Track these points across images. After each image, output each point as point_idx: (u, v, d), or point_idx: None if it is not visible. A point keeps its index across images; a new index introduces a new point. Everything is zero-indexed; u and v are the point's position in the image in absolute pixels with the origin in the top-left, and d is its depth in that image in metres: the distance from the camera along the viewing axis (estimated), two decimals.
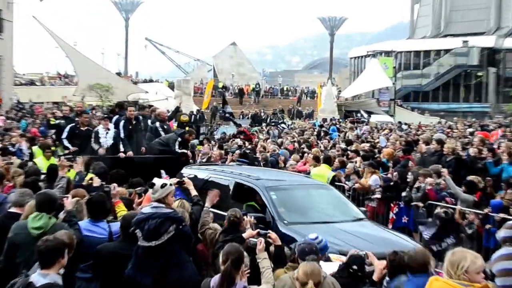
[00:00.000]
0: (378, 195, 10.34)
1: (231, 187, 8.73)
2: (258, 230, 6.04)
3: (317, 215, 8.29)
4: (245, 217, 6.35)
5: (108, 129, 11.79)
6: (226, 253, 4.97)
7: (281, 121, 33.88)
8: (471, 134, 22.38)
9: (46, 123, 16.80)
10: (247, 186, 8.54)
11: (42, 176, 8.34)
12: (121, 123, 12.04)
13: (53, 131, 13.86)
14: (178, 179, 7.13)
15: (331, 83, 51.07)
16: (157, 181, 5.68)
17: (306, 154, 13.77)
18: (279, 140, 19.06)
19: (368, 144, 16.57)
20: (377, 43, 69.31)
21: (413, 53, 63.40)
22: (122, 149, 11.67)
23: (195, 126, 29.56)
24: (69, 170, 8.38)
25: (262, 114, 41.20)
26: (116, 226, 5.97)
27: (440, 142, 12.47)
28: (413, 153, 13.33)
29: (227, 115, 21.75)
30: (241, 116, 40.11)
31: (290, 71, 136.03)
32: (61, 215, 6.03)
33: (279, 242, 5.72)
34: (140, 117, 12.80)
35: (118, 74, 55.83)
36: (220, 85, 53.76)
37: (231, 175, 9.06)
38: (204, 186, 8.74)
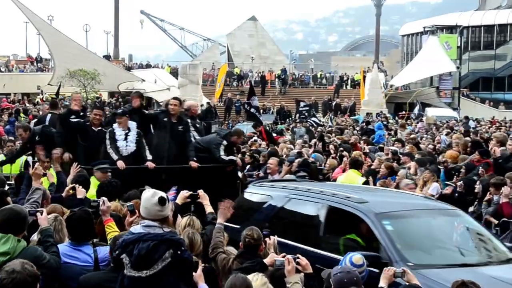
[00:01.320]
0: None
1: (323, 214, 8.02)
2: (284, 254, 6.01)
3: (452, 254, 7.48)
4: (267, 238, 6.31)
5: (129, 130, 10.92)
6: (229, 286, 4.92)
7: (311, 115, 33.78)
8: None
9: (15, 120, 16.96)
10: (347, 212, 7.75)
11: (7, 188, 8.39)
12: (159, 111, 11.40)
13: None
14: (190, 192, 7.14)
15: (378, 68, 50.84)
16: (150, 191, 5.65)
17: (345, 159, 13.70)
18: (313, 141, 19.01)
19: (427, 145, 16.46)
20: (436, 17, 68.77)
21: (484, 28, 62.83)
22: (149, 156, 10.87)
23: (205, 123, 29.49)
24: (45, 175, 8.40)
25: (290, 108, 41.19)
26: (104, 251, 5.93)
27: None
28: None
29: (252, 110, 21.46)
30: (262, 111, 40.20)
31: (326, 53, 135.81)
32: (35, 237, 6.04)
33: (310, 270, 5.67)
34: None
35: (107, 57, 56.42)
36: (237, 71, 53.88)
37: (321, 197, 8.30)
38: (279, 212, 8.27)
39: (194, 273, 5.62)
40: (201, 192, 7.16)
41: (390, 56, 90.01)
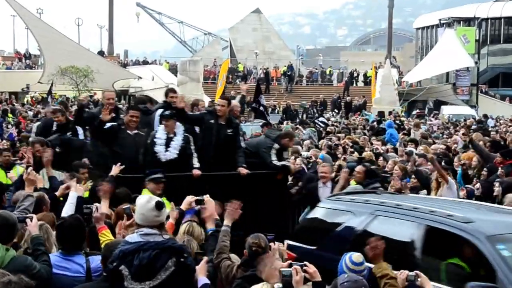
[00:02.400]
0: None
1: (419, 235, 7.34)
2: (289, 261, 6.01)
3: None
4: (272, 244, 6.32)
5: (174, 135, 10.26)
6: None
7: (318, 115, 33.81)
8: None
9: (3, 121, 16.78)
10: (449, 233, 7.11)
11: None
12: (204, 112, 10.94)
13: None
14: (196, 198, 7.17)
15: (390, 64, 50.77)
16: (144, 196, 5.65)
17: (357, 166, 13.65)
18: (321, 142, 18.99)
19: (441, 146, 16.41)
20: (453, 8, 68.75)
21: (504, 20, 62.73)
22: (196, 164, 10.29)
23: None
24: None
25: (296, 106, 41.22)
26: (97, 260, 5.93)
27: None
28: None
29: (261, 108, 21.37)
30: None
31: (335, 48, 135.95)
32: (24, 245, 6.04)
33: (319, 278, 5.66)
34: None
35: (100, 53, 56.49)
36: (240, 67, 53.91)
37: (415, 215, 7.57)
38: (363, 232, 7.57)
39: (196, 267, 5.70)
40: (206, 197, 7.16)
41: (403, 51, 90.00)
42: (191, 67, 42.36)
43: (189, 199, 7.27)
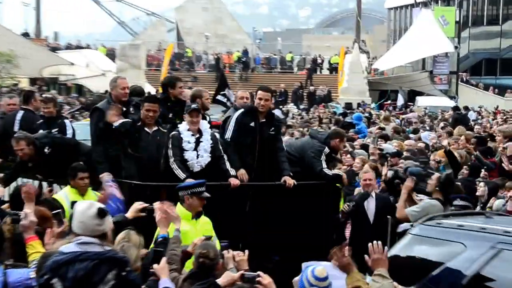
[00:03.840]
0: None
1: None
2: (242, 272, 6.08)
3: None
4: (225, 252, 6.36)
5: (200, 133, 9.63)
6: None
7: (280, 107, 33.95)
8: None
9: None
10: None
11: None
12: (233, 120, 9.96)
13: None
14: (145, 204, 7.27)
15: (359, 49, 51.25)
16: (85, 202, 5.64)
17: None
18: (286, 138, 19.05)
19: (420, 143, 16.58)
20: None
21: None
22: (231, 170, 9.64)
23: None
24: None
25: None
26: (17, 274, 5.87)
27: None
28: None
29: (228, 103, 21.19)
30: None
31: (296, 30, 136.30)
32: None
33: None
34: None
35: (25, 35, 55.74)
36: (188, 53, 53.80)
37: None
38: (482, 272, 6.45)
39: (156, 266, 5.81)
40: (157, 204, 7.17)
41: (374, 34, 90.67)
42: (131, 52, 42.34)
43: (137, 206, 7.35)
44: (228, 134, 9.94)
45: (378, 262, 5.83)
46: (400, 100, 43.83)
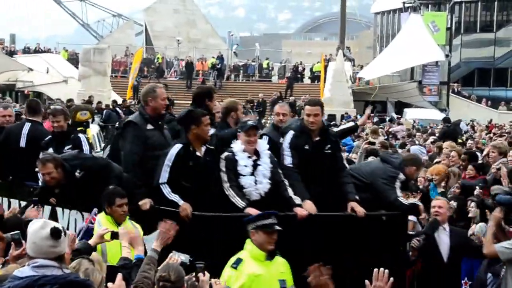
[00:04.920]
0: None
1: None
2: None
3: None
4: (200, 274, 6.33)
5: (258, 155, 8.94)
6: None
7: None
8: None
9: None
10: None
11: None
12: (286, 146, 9.24)
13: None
14: (111, 230, 7.23)
15: (343, 56, 51.39)
16: (38, 221, 5.60)
17: None
18: None
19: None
20: None
21: (482, 4, 64.17)
22: (296, 199, 8.85)
23: (112, 128, 29.07)
24: None
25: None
26: None
27: None
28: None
29: None
30: None
31: (276, 35, 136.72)
32: None
33: None
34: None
35: None
36: (158, 58, 53.72)
37: None
38: None
39: (110, 284, 5.71)
40: (122, 229, 7.18)
41: (359, 40, 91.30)
42: (96, 56, 42.06)
43: (100, 232, 7.31)
44: (288, 160, 9.13)
45: None
46: (391, 111, 44.05)
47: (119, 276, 5.91)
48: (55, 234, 5.35)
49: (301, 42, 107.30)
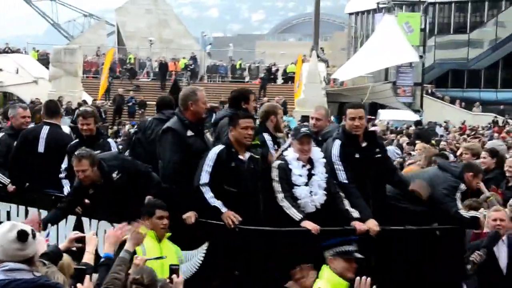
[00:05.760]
0: None
1: None
2: None
3: None
4: (174, 276, 6.35)
5: (311, 163, 8.41)
6: None
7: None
8: None
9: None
10: None
11: None
12: (336, 158, 8.61)
13: None
14: (81, 234, 7.15)
15: (317, 57, 51.50)
16: (6, 223, 5.58)
17: None
18: None
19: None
20: None
21: (455, 5, 64.59)
22: (354, 212, 8.30)
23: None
24: None
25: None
26: None
27: (496, 155, 12.66)
28: None
29: None
30: None
31: (249, 36, 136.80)
32: None
33: None
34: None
35: None
36: (131, 59, 53.56)
37: None
38: None
39: (80, 285, 5.69)
40: (89, 234, 7.08)
41: (333, 41, 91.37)
42: (67, 57, 41.93)
43: (72, 236, 7.21)
44: (343, 176, 8.48)
45: None
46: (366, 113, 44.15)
47: (87, 278, 5.90)
48: (22, 236, 5.31)
49: (274, 43, 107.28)
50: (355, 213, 8.15)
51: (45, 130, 9.98)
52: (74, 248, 7.18)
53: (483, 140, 22.48)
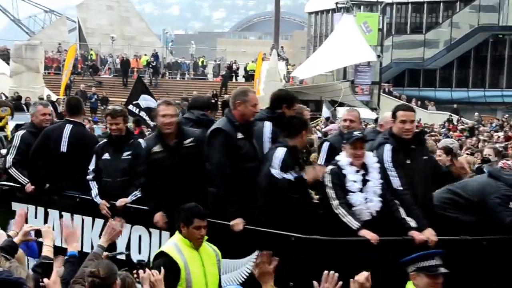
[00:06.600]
0: None
1: None
2: None
3: None
4: (140, 271, 6.33)
5: (365, 168, 7.92)
6: None
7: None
8: (506, 139, 23.12)
9: None
10: None
11: None
12: (389, 165, 8.13)
13: None
14: (35, 227, 7.13)
15: (277, 55, 51.58)
16: None
17: None
18: None
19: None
20: None
21: (412, 5, 65.03)
22: (411, 222, 7.76)
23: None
24: None
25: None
26: None
27: (450, 152, 12.79)
28: None
29: (141, 113, 20.56)
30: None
31: (210, 34, 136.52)
32: None
33: None
34: None
35: None
36: (92, 54, 53.24)
37: None
38: None
39: (46, 280, 5.69)
40: (45, 227, 7.06)
41: (293, 40, 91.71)
42: (28, 53, 41.54)
43: (26, 228, 7.16)
44: (397, 183, 7.96)
45: None
46: (326, 113, 44.23)
47: (55, 271, 5.90)
48: None
49: (235, 41, 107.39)
50: (412, 222, 7.66)
51: (67, 128, 9.53)
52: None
53: (439, 138, 22.70)
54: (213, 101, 44.60)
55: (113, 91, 43.50)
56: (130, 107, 20.34)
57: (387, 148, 8.09)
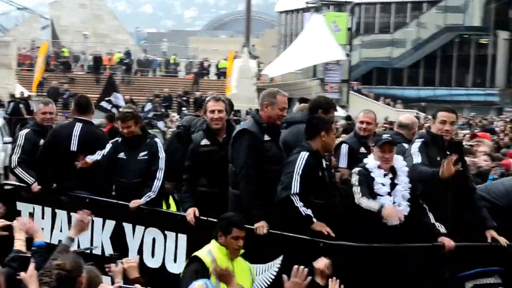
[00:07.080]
0: None
1: None
2: (118, 285, 6.09)
3: None
4: (112, 265, 6.35)
5: (394, 172, 7.66)
6: None
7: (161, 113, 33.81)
8: (472, 137, 23.26)
9: None
10: None
11: None
12: (420, 141, 8.12)
13: None
14: (6, 222, 7.04)
15: (248, 54, 51.59)
16: None
17: None
18: None
19: None
20: None
21: (380, 6, 65.32)
22: (441, 228, 7.52)
23: (16, 120, 28.64)
24: None
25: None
26: None
27: None
28: None
29: (113, 110, 20.43)
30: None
31: (182, 32, 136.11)
32: None
33: None
34: None
35: None
36: (65, 52, 52.92)
37: None
38: None
39: (23, 274, 5.66)
40: (16, 222, 6.92)
41: (264, 38, 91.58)
42: (1, 49, 41.38)
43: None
44: (418, 159, 7.82)
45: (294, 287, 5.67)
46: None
47: (31, 265, 5.86)
48: None
49: (207, 39, 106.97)
50: (442, 228, 7.41)
51: (77, 127, 9.28)
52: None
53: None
54: (184, 98, 44.74)
55: (85, 88, 43.20)
56: (103, 103, 20.29)
57: (419, 141, 8.00)
